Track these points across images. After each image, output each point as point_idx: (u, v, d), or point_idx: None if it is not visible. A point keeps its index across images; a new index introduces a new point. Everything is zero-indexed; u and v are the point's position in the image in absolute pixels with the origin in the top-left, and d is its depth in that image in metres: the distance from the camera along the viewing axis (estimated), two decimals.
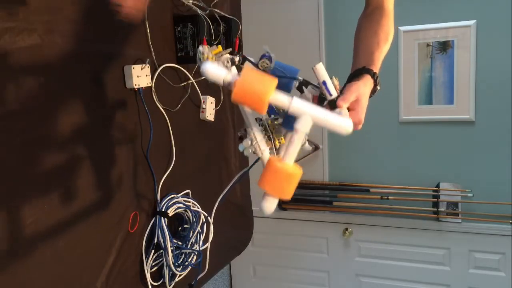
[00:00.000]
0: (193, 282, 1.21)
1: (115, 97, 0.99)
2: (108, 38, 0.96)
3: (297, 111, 0.64)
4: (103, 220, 0.97)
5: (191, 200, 1.22)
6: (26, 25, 0.78)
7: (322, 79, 0.79)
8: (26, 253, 0.80)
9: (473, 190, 2.42)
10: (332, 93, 0.79)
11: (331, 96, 0.79)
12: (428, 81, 2.41)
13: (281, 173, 0.64)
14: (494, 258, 2.47)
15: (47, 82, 0.82)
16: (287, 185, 0.65)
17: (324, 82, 0.79)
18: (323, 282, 2.86)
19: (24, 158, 0.79)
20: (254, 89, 0.61)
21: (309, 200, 2.71)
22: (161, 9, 1.12)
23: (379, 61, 0.94)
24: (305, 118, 0.63)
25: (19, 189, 0.78)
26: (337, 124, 0.64)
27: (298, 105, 0.63)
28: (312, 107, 0.64)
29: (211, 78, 0.63)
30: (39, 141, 0.81)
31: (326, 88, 0.78)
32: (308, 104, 0.64)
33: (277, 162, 0.64)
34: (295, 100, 0.63)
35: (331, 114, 0.64)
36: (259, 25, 2.60)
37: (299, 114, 0.64)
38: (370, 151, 2.57)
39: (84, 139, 0.91)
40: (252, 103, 0.62)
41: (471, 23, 2.28)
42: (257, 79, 0.62)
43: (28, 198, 0.80)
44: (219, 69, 0.64)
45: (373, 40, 0.96)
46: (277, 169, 0.64)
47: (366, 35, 0.99)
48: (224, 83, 0.64)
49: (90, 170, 0.93)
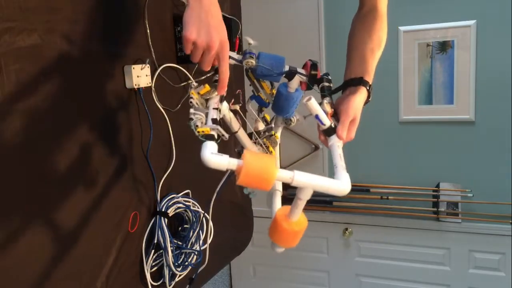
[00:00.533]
0: (193, 276, 1.21)
1: (115, 97, 0.99)
2: (108, 38, 0.96)
3: (300, 184, 0.68)
4: (103, 220, 0.97)
5: (191, 200, 1.22)
6: (26, 25, 0.78)
7: (315, 114, 0.83)
8: (26, 254, 0.80)
9: (473, 190, 2.42)
10: (325, 122, 0.83)
11: (324, 125, 0.83)
12: (428, 81, 2.41)
13: (288, 232, 0.71)
14: (494, 258, 2.46)
15: (47, 82, 0.82)
16: (294, 239, 0.72)
17: (316, 116, 0.83)
18: (323, 282, 2.86)
19: (23, 159, 0.79)
20: (259, 175, 0.64)
21: (309, 200, 2.69)
22: (161, 9, 1.12)
23: (373, 70, 0.96)
24: (307, 191, 0.69)
25: (19, 189, 0.78)
26: (336, 189, 0.70)
27: (300, 180, 0.67)
28: (313, 179, 0.68)
29: (213, 167, 0.65)
30: (38, 141, 0.81)
31: (319, 120, 0.83)
32: (309, 176, 0.68)
33: (284, 223, 0.71)
34: (297, 175, 0.67)
35: (329, 182, 0.69)
36: (259, 25, 2.59)
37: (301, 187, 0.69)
38: (370, 151, 2.57)
39: (84, 139, 0.91)
40: (258, 185, 0.65)
41: (471, 23, 2.28)
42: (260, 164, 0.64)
43: (28, 198, 0.80)
44: (221, 158, 0.65)
45: (367, 46, 0.97)
46: (284, 229, 0.71)
47: (360, 40, 1.00)
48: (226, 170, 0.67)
49: (90, 170, 0.93)
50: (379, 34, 1.00)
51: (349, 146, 2.73)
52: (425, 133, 2.47)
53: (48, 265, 0.84)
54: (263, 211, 3.04)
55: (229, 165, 0.64)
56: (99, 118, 0.95)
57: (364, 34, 1.00)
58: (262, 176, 0.64)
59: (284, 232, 0.71)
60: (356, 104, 0.87)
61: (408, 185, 2.53)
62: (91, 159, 0.93)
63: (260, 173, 0.63)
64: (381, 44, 0.99)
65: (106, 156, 0.97)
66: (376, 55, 0.97)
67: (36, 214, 0.81)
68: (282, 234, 0.71)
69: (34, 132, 0.80)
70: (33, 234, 0.81)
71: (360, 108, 0.88)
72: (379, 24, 1.01)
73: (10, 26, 0.75)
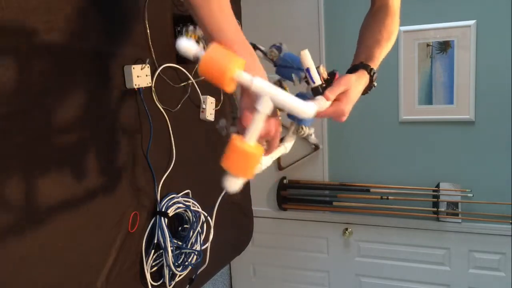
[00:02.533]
0: (193, 276, 1.21)
1: (115, 97, 0.99)
2: (108, 38, 0.96)
3: (258, 91, 0.65)
4: (103, 220, 0.97)
5: (191, 200, 1.22)
6: (26, 25, 0.78)
7: (306, 66, 0.81)
8: (26, 254, 0.80)
9: (473, 190, 2.42)
10: (316, 81, 0.81)
11: (314, 83, 0.81)
12: (428, 81, 2.41)
13: (241, 152, 0.66)
14: (494, 258, 2.46)
15: (47, 82, 0.82)
16: (247, 164, 0.67)
17: (307, 69, 0.81)
18: (323, 282, 2.86)
19: (23, 158, 0.79)
20: (218, 65, 0.64)
21: (309, 200, 2.71)
22: (161, 9, 1.12)
23: (378, 58, 0.94)
24: (265, 99, 0.65)
25: (19, 189, 0.78)
26: (297, 107, 0.65)
27: (259, 85, 0.65)
28: (273, 89, 0.65)
29: (182, 51, 0.66)
30: (38, 141, 0.81)
31: (310, 75, 0.81)
32: (270, 85, 0.66)
33: (238, 142, 0.66)
34: (257, 80, 0.65)
35: (292, 97, 0.66)
36: (259, 25, 2.60)
37: (260, 94, 0.66)
38: (370, 151, 2.57)
39: (84, 139, 0.91)
40: (215, 78, 0.64)
41: (471, 23, 2.28)
42: (223, 56, 0.64)
43: (27, 198, 0.80)
44: (192, 44, 0.66)
45: (375, 37, 0.97)
46: (237, 149, 0.66)
47: (369, 32, 1.00)
48: (193, 58, 0.66)
49: (90, 170, 0.93)
50: (389, 29, 0.99)
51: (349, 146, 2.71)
52: (425, 133, 2.47)
53: (48, 265, 0.84)
54: (263, 211, 3.05)
55: (196, 52, 0.65)
56: (99, 118, 0.95)
57: (373, 29, 1.00)
58: (220, 69, 0.63)
59: (237, 152, 0.66)
60: (353, 81, 0.85)
61: (408, 185, 2.53)
62: (91, 159, 0.93)
63: (219, 65, 0.63)
64: (391, 37, 0.98)
65: (106, 156, 0.97)
66: (382, 45, 0.96)
67: (36, 214, 0.81)
68: (235, 155, 0.66)
69: (34, 132, 0.80)
70: (33, 234, 0.81)
71: (356, 88, 0.86)
72: (389, 20, 1.00)
73: (10, 26, 0.75)
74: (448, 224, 2.49)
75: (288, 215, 2.81)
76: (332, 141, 2.62)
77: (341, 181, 2.65)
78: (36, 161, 0.81)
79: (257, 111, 0.66)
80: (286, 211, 2.79)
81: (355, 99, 0.86)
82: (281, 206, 2.76)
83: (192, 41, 0.66)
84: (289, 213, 2.80)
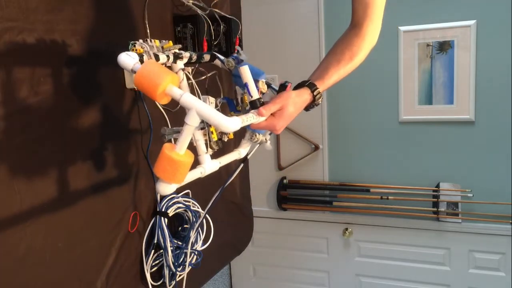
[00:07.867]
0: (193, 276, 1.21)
1: (115, 97, 0.99)
2: (108, 38, 0.96)
3: (186, 105, 0.70)
4: (103, 220, 0.97)
5: (191, 200, 1.22)
6: (26, 25, 0.78)
7: (245, 81, 0.85)
8: (26, 254, 0.80)
9: (473, 190, 2.42)
10: (252, 94, 0.85)
11: (251, 97, 0.85)
12: (428, 81, 2.41)
13: (170, 160, 0.70)
14: (494, 258, 2.46)
15: (47, 82, 0.82)
16: (176, 171, 0.70)
17: (246, 84, 0.85)
18: (323, 282, 2.86)
19: (24, 158, 0.79)
20: (150, 80, 0.68)
21: (309, 200, 2.71)
22: (161, 9, 1.12)
23: (331, 78, 0.96)
24: (192, 113, 0.70)
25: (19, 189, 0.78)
26: (220, 122, 0.69)
27: (187, 100, 0.70)
28: (200, 104, 0.69)
29: (121, 65, 0.71)
30: (38, 141, 0.81)
31: (247, 89, 0.85)
32: (197, 101, 0.70)
33: (167, 150, 0.70)
34: (185, 96, 0.69)
35: (216, 113, 0.70)
36: (259, 25, 2.59)
37: (188, 109, 0.70)
38: (370, 151, 2.57)
39: (84, 139, 0.91)
40: (148, 92, 0.69)
41: (471, 23, 2.28)
42: (156, 71, 0.68)
43: (27, 198, 0.80)
44: (130, 58, 0.71)
45: (337, 57, 0.99)
46: (166, 156, 0.70)
47: (333, 50, 1.02)
48: (132, 71, 0.71)
49: (90, 170, 0.93)
50: (353, 50, 1.00)
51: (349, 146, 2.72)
52: (425, 133, 2.47)
53: (48, 265, 0.84)
54: (263, 211, 3.05)
55: (133, 67, 0.70)
56: (99, 118, 0.95)
57: (338, 48, 1.01)
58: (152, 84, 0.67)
59: (167, 159, 0.70)
60: (291, 99, 0.87)
61: (408, 185, 2.53)
62: (91, 159, 0.93)
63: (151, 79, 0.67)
64: (353, 59, 0.99)
65: (106, 156, 0.97)
66: (341, 66, 0.97)
67: (36, 214, 0.81)
68: (165, 162, 0.70)
69: (34, 132, 0.80)
70: (33, 234, 0.81)
71: (294, 105, 0.88)
72: (357, 41, 1.01)
73: (10, 26, 0.75)
74: (448, 224, 2.49)
75: (288, 215, 2.81)
76: (332, 141, 2.62)
77: (341, 181, 2.65)
78: (36, 161, 0.81)
79: (185, 123, 0.70)
80: (286, 211, 2.79)
81: (291, 116, 0.88)
82: (281, 206, 2.76)
83: (133, 55, 0.71)
84: (289, 213, 2.80)
